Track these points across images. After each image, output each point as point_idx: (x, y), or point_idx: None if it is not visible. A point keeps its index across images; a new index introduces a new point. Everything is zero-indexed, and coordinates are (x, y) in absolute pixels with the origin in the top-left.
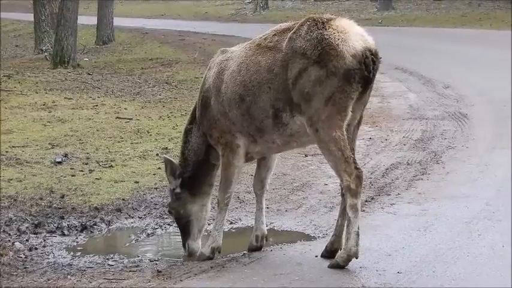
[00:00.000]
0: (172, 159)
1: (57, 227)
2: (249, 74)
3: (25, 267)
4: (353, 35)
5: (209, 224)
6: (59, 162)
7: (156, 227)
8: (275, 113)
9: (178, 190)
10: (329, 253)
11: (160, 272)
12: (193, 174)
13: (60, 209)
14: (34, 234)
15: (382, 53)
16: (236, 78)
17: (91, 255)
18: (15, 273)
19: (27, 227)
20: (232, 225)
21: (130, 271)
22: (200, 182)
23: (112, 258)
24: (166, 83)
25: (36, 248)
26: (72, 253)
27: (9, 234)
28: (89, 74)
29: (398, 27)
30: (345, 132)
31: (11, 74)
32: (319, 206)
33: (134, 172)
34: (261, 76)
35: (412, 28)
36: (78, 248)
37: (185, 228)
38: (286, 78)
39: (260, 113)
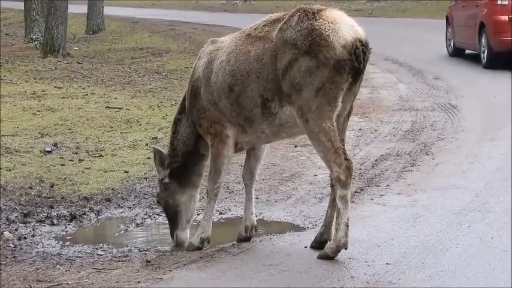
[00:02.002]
0: (162, 149)
1: (47, 216)
2: (238, 63)
3: (14, 257)
4: (343, 26)
5: (198, 214)
6: (49, 152)
7: (145, 217)
8: (263, 103)
9: (167, 180)
10: (318, 244)
11: (149, 262)
12: (182, 164)
13: (50, 198)
14: (23, 223)
15: (372, 43)
16: (225, 68)
17: (80, 245)
18: (4, 263)
19: (16, 217)
20: (221, 215)
21: (119, 261)
22: (189, 172)
23: (101, 248)
24: (157, 72)
25: (25, 238)
26: (61, 243)
27: None
28: (79, 63)
29: (388, 17)
30: (334, 123)
31: (1, 63)
32: (309, 196)
33: (124, 162)
34: (250, 66)
35: (402, 19)
36: (68, 238)
37: (174, 219)
38: (276, 68)
39: (249, 103)
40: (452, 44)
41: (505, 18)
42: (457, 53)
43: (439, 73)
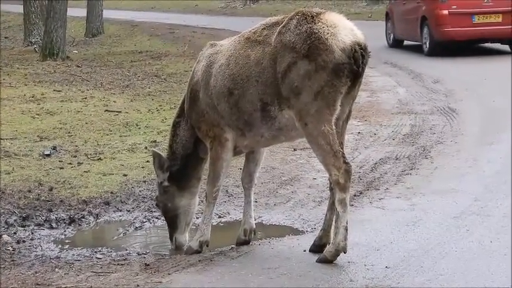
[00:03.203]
0: (161, 153)
1: (45, 219)
2: (237, 67)
3: (13, 260)
4: (342, 29)
5: (197, 218)
6: (48, 155)
7: (144, 221)
8: (263, 107)
9: (166, 183)
10: (317, 247)
11: (148, 265)
12: (181, 167)
13: (49, 201)
14: (22, 227)
15: (371, 47)
16: (225, 71)
17: (79, 248)
18: (2, 266)
19: (15, 220)
20: (220, 219)
21: (118, 264)
22: (188, 175)
23: (100, 251)
24: (156, 76)
25: (24, 241)
26: (60, 246)
27: None
28: (78, 67)
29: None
30: (333, 127)
31: (0, 66)
32: (308, 200)
33: (123, 165)
34: (249, 70)
35: None
36: (66, 241)
37: (173, 222)
38: (275, 72)
39: (248, 107)
40: (392, 36)
41: (446, 12)
42: (396, 44)
43: (438, 77)
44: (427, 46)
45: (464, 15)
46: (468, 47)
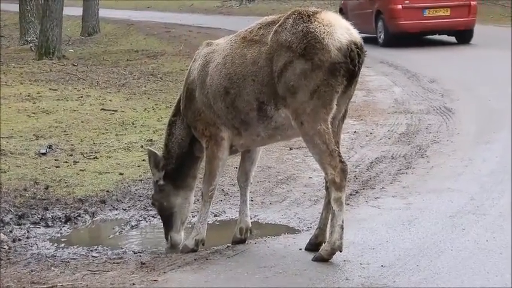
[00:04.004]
0: (156, 151)
1: (41, 218)
2: (234, 66)
3: (8, 258)
4: (338, 28)
5: (193, 216)
6: (44, 154)
7: (140, 219)
8: (259, 106)
9: (161, 182)
10: (313, 246)
11: (144, 264)
12: (177, 166)
13: (44, 200)
14: (18, 225)
15: (367, 46)
16: (221, 70)
17: (75, 247)
18: None
19: (11, 218)
20: (216, 217)
21: (114, 263)
22: (184, 174)
23: (96, 249)
24: (152, 75)
25: (19, 239)
26: (56, 244)
27: None
28: (74, 65)
29: None
30: (329, 126)
31: None
32: (304, 199)
33: (119, 164)
34: (246, 69)
35: None
36: (62, 240)
37: (168, 220)
38: (271, 71)
39: (245, 106)
40: None
41: (399, 6)
42: None
43: (434, 76)
44: (382, 38)
45: (416, 9)
46: (418, 38)
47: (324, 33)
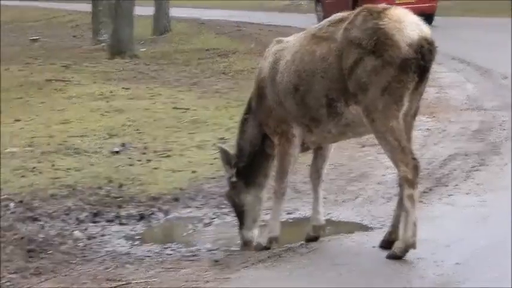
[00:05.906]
0: (227, 149)
1: (116, 216)
2: (303, 63)
3: (84, 256)
4: (408, 24)
5: (266, 214)
6: (117, 152)
7: (213, 217)
8: (329, 103)
9: (234, 179)
10: (386, 244)
11: (217, 261)
12: (248, 164)
13: (118, 198)
14: (93, 223)
15: (438, 43)
16: (290, 67)
17: (149, 244)
18: (74, 262)
19: (86, 216)
20: (289, 215)
21: (187, 260)
22: (255, 172)
23: (170, 247)
24: (223, 73)
25: (94, 237)
26: (130, 242)
27: (68, 223)
28: (146, 65)
29: (454, 17)
30: (401, 122)
31: (69, 65)
32: (377, 196)
33: (191, 162)
34: (315, 65)
35: (468, 18)
36: (136, 237)
37: (240, 217)
38: (341, 68)
39: (314, 103)
40: (322, 18)
41: None
42: None
43: (507, 73)
44: None
45: None
46: None
47: (394, 29)
